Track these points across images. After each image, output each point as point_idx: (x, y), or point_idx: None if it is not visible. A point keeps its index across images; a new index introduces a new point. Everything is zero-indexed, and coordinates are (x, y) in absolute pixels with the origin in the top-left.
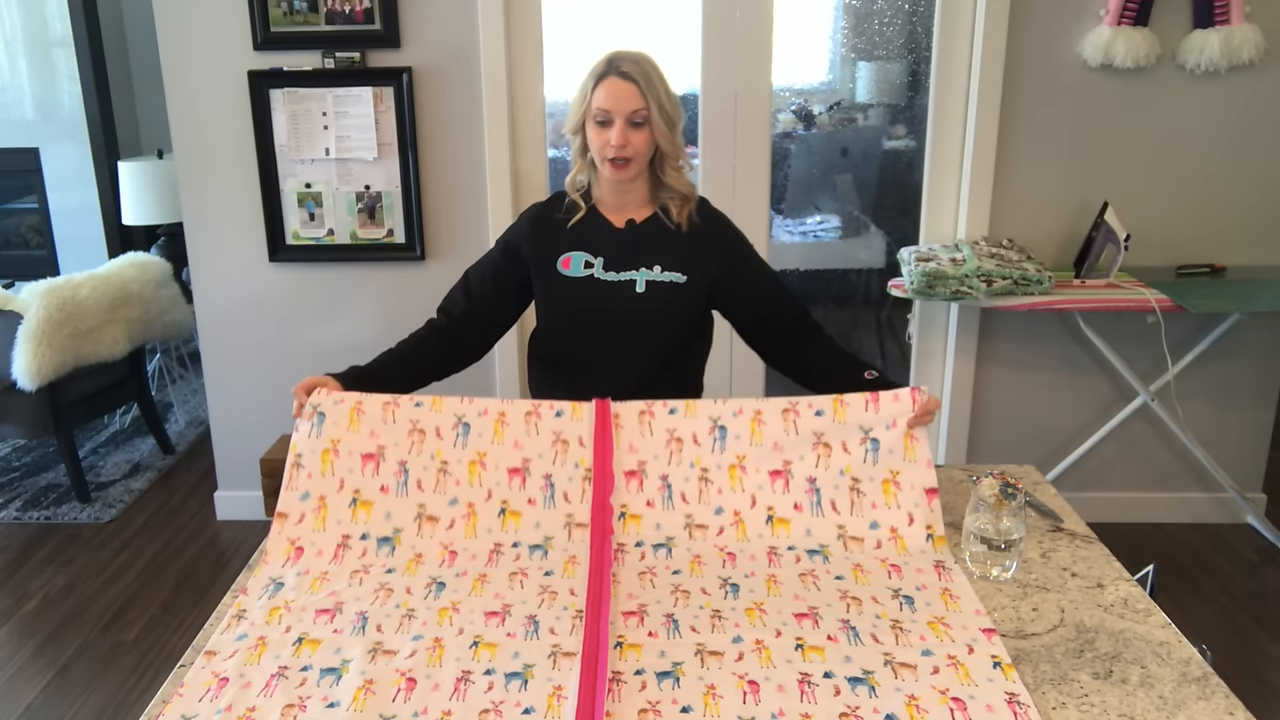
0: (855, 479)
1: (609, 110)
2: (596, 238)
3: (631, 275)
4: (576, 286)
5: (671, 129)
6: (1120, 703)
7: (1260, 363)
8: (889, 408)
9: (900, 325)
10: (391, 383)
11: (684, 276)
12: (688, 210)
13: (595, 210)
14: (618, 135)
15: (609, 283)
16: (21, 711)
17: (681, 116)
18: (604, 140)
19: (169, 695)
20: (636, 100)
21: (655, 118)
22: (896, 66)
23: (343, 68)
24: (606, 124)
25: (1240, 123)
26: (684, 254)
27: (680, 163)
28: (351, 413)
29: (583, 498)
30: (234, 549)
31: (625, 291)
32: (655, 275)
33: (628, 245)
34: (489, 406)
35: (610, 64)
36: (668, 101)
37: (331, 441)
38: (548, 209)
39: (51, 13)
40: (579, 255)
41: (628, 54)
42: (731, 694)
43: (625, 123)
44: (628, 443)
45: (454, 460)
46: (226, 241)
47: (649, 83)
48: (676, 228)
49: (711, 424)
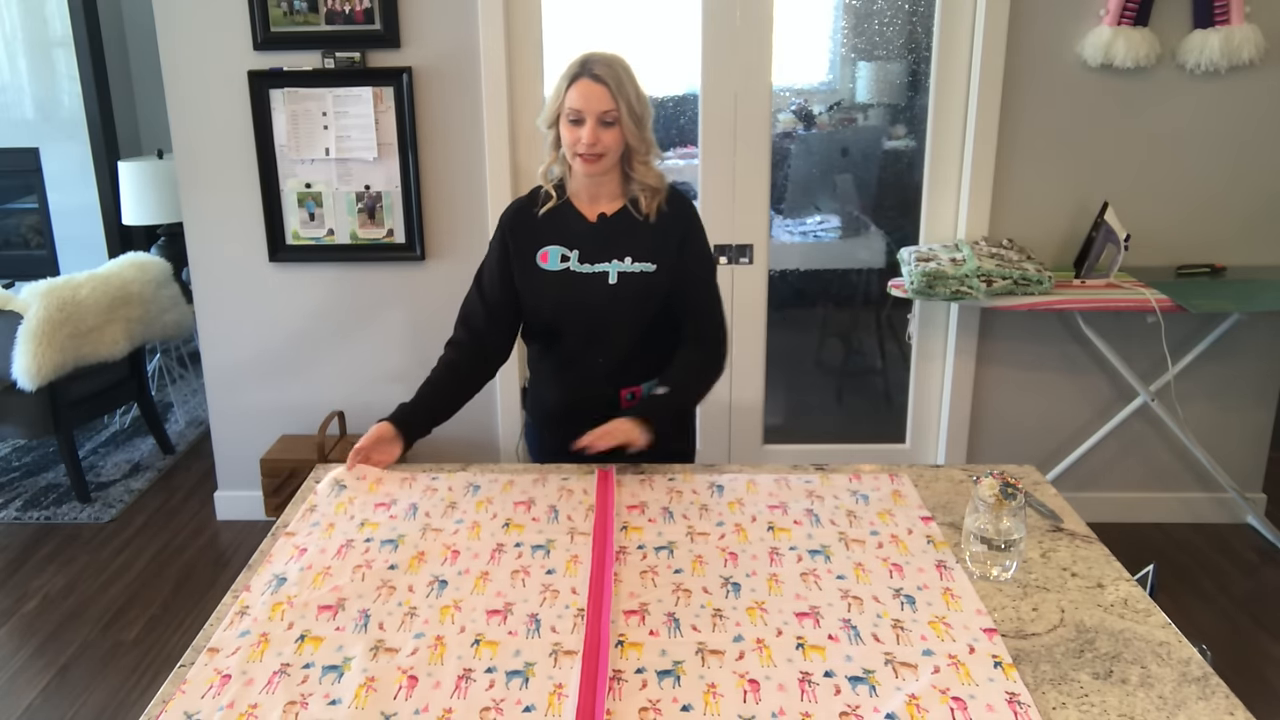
0: (850, 511)
1: (581, 110)
2: (571, 231)
3: (605, 267)
4: (555, 279)
5: (640, 127)
6: (1120, 703)
7: (1260, 363)
8: (869, 482)
9: (900, 325)
10: (438, 412)
11: (654, 265)
12: (657, 201)
13: (569, 203)
14: (589, 134)
15: (584, 275)
16: (21, 711)
17: (650, 114)
18: (576, 137)
19: (169, 695)
20: (607, 101)
21: (625, 117)
22: (896, 66)
23: (343, 68)
24: (579, 122)
25: (1240, 123)
26: (653, 243)
27: (649, 157)
28: (371, 486)
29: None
30: (234, 549)
31: (599, 283)
32: (626, 266)
33: (600, 238)
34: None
35: (583, 65)
36: (637, 102)
37: (348, 499)
38: (526, 204)
39: (51, 13)
40: (555, 249)
41: (600, 56)
42: (732, 693)
43: (596, 122)
44: (628, 492)
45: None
46: (226, 241)
47: (619, 85)
48: (645, 218)
49: (709, 484)
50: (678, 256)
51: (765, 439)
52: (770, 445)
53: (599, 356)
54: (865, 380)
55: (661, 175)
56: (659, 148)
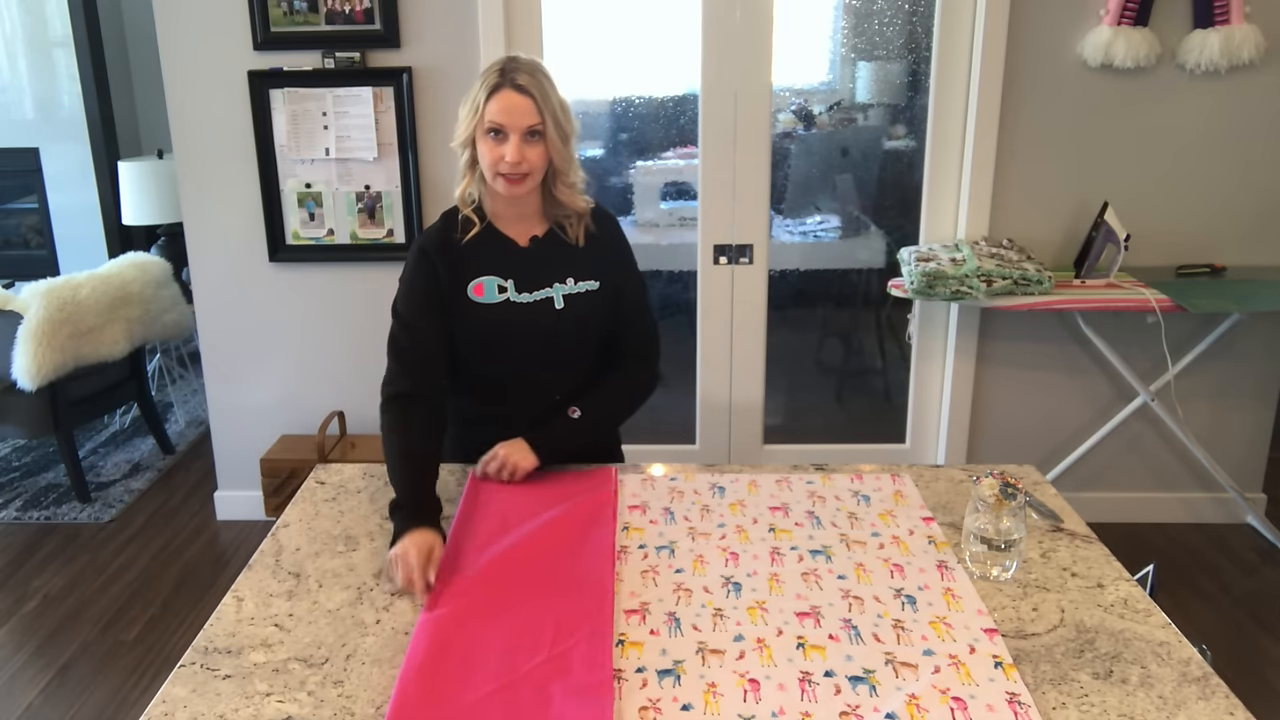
0: (852, 513)
1: (503, 124)
2: (503, 258)
3: (548, 292)
4: (495, 312)
5: (565, 143)
6: (1120, 703)
7: (1260, 363)
8: (871, 482)
9: (900, 325)
10: (433, 475)
11: (596, 283)
12: (584, 225)
13: (493, 227)
14: (513, 151)
15: (526, 304)
16: (21, 711)
17: (575, 130)
18: (498, 155)
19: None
20: (532, 115)
21: (550, 132)
22: (896, 66)
23: (343, 68)
24: (500, 138)
25: (1240, 123)
26: (590, 260)
27: (573, 179)
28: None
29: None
30: (234, 549)
31: (545, 310)
32: (570, 288)
33: (536, 263)
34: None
35: (504, 74)
36: (562, 115)
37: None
38: (443, 230)
39: (51, 13)
40: (490, 280)
41: (522, 63)
42: (732, 692)
43: (520, 137)
44: (629, 492)
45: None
46: (226, 241)
47: (544, 96)
48: (575, 240)
49: (710, 485)
50: (615, 273)
51: (765, 439)
52: (770, 445)
53: (554, 388)
54: (865, 380)
55: (586, 199)
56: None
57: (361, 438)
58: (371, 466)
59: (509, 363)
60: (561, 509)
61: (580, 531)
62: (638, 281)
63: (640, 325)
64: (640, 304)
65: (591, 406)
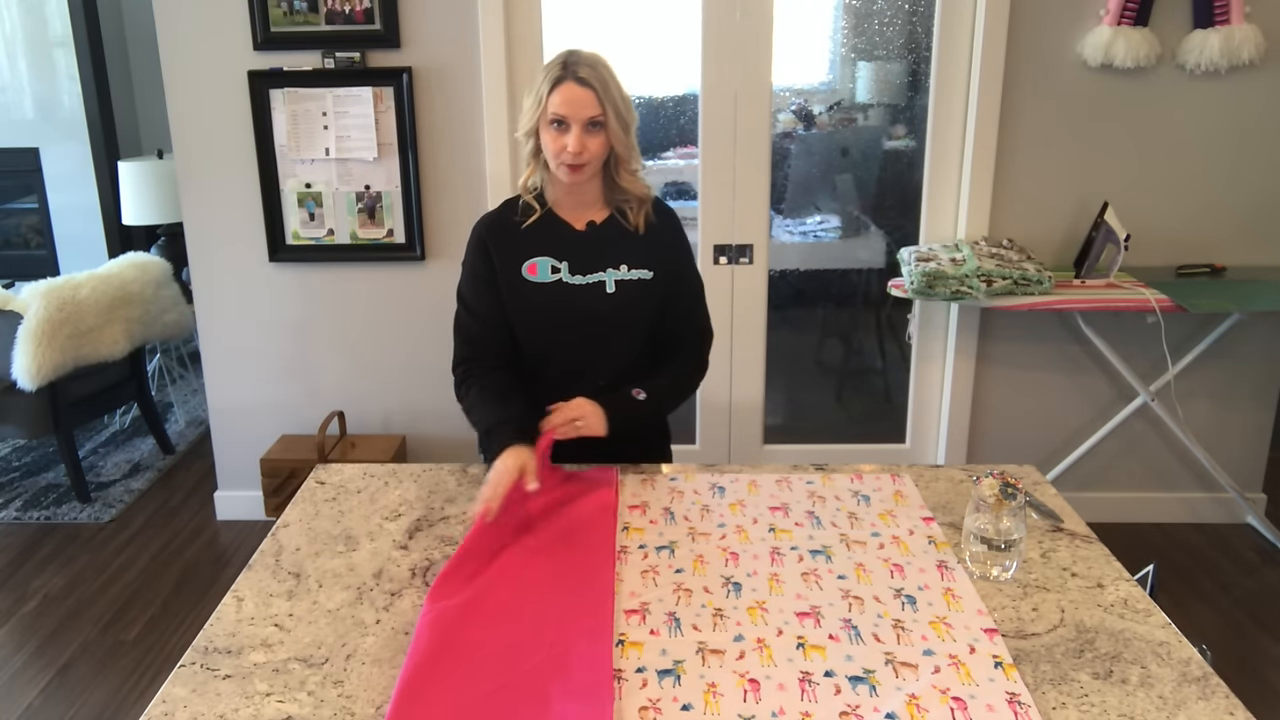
0: (852, 513)
1: (566, 115)
2: (559, 241)
3: (600, 276)
4: (546, 292)
5: (626, 132)
6: (1120, 703)
7: (1260, 363)
8: (871, 482)
9: (900, 325)
10: (519, 405)
11: (650, 272)
12: (644, 212)
13: (552, 213)
14: (575, 141)
15: (578, 286)
16: (21, 711)
17: (635, 120)
18: (560, 145)
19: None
20: (593, 106)
21: (611, 123)
22: (896, 66)
23: (343, 68)
24: (563, 128)
25: (1240, 123)
26: (647, 250)
27: (635, 166)
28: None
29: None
30: (234, 549)
31: (596, 293)
32: (623, 274)
33: (592, 247)
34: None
35: (566, 68)
36: (623, 106)
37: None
38: (502, 215)
39: (51, 13)
40: (544, 260)
41: (584, 57)
42: (732, 692)
43: (581, 128)
44: (630, 492)
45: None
46: (226, 241)
47: (605, 88)
48: (634, 229)
49: (710, 485)
50: (672, 267)
51: (765, 439)
52: (770, 445)
53: (599, 374)
54: (865, 380)
55: (647, 186)
56: (640, 152)
57: (361, 438)
58: (371, 466)
59: (557, 344)
60: (562, 509)
61: (581, 531)
62: (695, 277)
63: (695, 319)
64: (697, 299)
65: (653, 389)
